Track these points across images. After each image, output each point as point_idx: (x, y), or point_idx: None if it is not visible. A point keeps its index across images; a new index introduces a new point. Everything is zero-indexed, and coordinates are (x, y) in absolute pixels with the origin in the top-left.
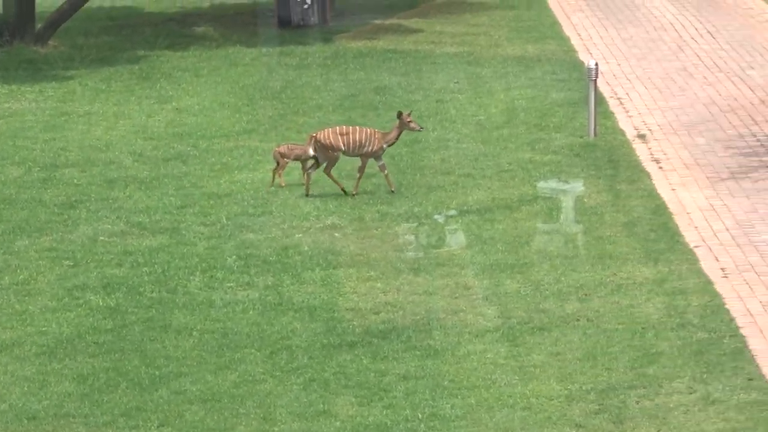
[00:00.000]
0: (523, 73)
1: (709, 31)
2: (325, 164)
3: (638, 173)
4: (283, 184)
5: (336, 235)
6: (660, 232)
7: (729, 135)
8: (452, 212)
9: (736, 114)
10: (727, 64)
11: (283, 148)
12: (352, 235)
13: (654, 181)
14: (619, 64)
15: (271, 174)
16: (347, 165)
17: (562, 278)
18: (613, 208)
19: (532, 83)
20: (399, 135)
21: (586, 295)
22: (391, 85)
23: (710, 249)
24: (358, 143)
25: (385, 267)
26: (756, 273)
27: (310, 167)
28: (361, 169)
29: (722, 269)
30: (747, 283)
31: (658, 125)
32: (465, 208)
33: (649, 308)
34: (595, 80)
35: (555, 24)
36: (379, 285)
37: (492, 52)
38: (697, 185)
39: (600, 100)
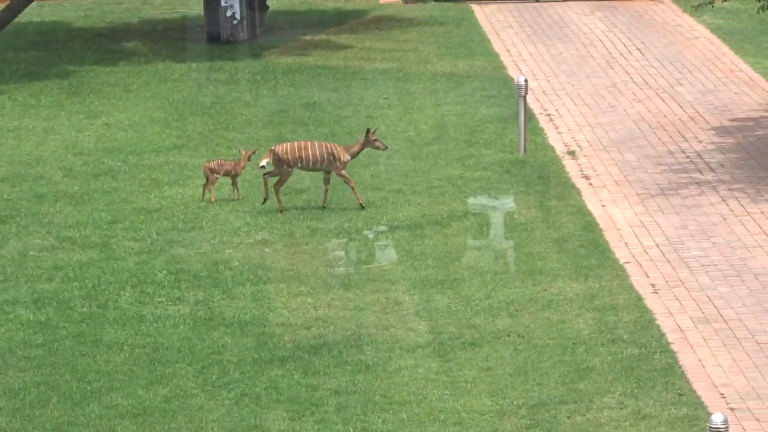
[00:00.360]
0: (453, 90)
1: (638, 48)
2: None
3: (568, 189)
4: (214, 200)
5: (266, 250)
6: (590, 248)
7: (658, 151)
8: (382, 228)
9: (665, 130)
10: (657, 81)
11: (213, 164)
12: (283, 251)
13: (584, 198)
14: (548, 81)
15: (201, 189)
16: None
17: (493, 294)
18: (544, 224)
19: (462, 99)
20: (360, 151)
21: (516, 310)
22: (320, 101)
23: (640, 265)
24: (318, 158)
25: (315, 282)
26: (686, 289)
27: (267, 173)
28: (348, 182)
29: (652, 285)
30: (677, 299)
31: (588, 141)
32: (395, 223)
33: (580, 324)
34: (525, 96)
35: (484, 40)
36: (309, 300)
37: (422, 69)
38: (627, 201)
39: (530, 116)
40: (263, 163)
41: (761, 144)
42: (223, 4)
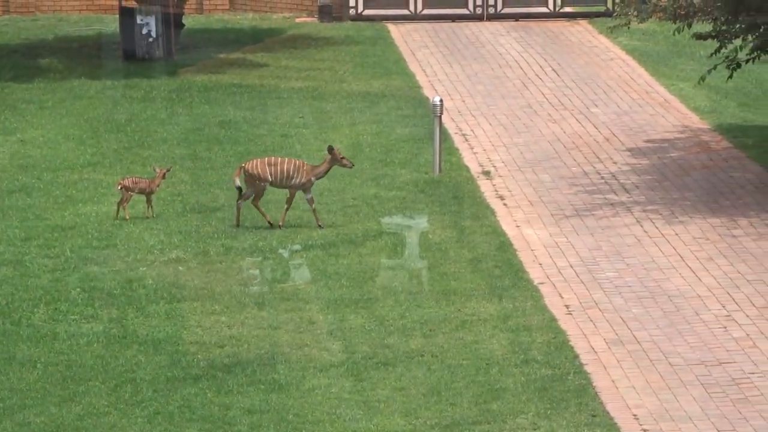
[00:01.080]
0: (368, 109)
1: (553, 69)
2: (252, 196)
3: (483, 210)
4: (128, 217)
5: (180, 268)
6: (504, 268)
7: (573, 172)
8: (297, 247)
9: (580, 151)
10: (572, 102)
11: (127, 181)
12: (197, 269)
13: (498, 218)
14: (464, 101)
15: (115, 207)
16: (277, 196)
17: (407, 314)
18: (458, 244)
19: (377, 119)
20: (328, 170)
21: (430, 330)
22: (236, 120)
23: (554, 286)
24: (285, 174)
25: (229, 301)
26: (600, 310)
27: (239, 198)
28: (289, 201)
29: (566, 306)
30: (591, 320)
31: (503, 162)
32: (310, 242)
33: (494, 344)
34: (440, 116)
35: (400, 60)
36: (223, 319)
37: (337, 87)
38: (541, 222)
39: (445, 136)
40: (237, 182)
41: (675, 165)
42: (138, 21)
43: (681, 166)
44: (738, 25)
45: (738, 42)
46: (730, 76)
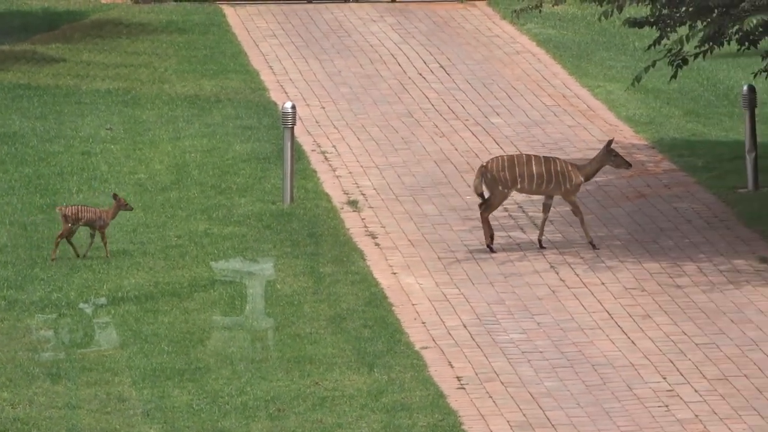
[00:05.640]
0: (197, 118)
1: (442, 66)
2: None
3: (348, 251)
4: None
5: None
6: (376, 328)
7: (468, 202)
8: (102, 300)
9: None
10: (466, 110)
11: (69, 210)
12: None
13: (369, 262)
14: (323, 107)
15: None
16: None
17: (248, 388)
18: (315, 296)
19: (209, 131)
20: (597, 171)
21: (279, 410)
22: (22, 132)
23: (442, 351)
24: (545, 177)
25: (13, 372)
26: (502, 383)
27: (485, 209)
28: (577, 210)
29: (458, 378)
30: (490, 397)
31: (375, 188)
32: (119, 294)
33: (363, 428)
34: (292, 128)
35: (240, 53)
36: (5, 395)
37: (156, 90)
38: (425, 268)
39: (299, 154)
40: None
41: (601, 194)
42: None
43: (609, 194)
44: (684, 8)
45: (684, 30)
46: (674, 76)
